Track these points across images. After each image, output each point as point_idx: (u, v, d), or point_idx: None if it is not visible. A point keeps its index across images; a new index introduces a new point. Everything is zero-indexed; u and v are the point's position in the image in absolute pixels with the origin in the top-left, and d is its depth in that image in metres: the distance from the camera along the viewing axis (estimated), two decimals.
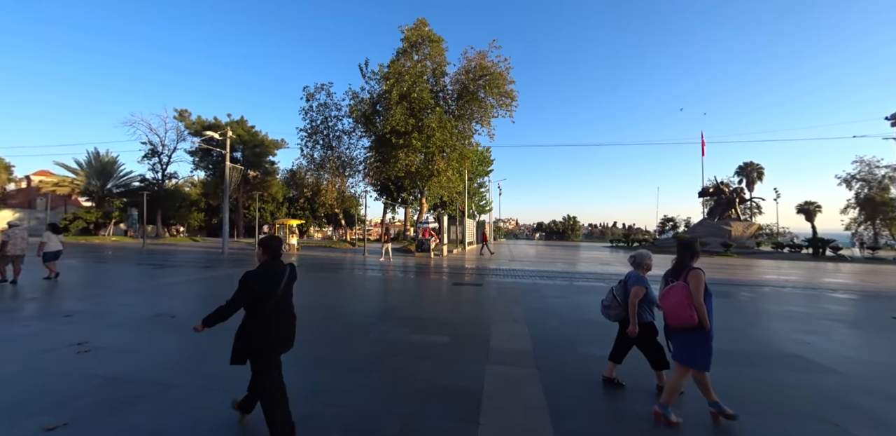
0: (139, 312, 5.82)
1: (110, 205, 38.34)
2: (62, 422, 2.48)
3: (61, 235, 9.24)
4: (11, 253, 8.12)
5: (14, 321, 5.19)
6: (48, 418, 2.56)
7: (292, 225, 20.38)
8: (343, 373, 3.42)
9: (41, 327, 4.89)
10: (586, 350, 4.21)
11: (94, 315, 5.49)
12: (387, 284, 9.22)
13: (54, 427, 2.41)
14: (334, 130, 26.29)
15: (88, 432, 2.39)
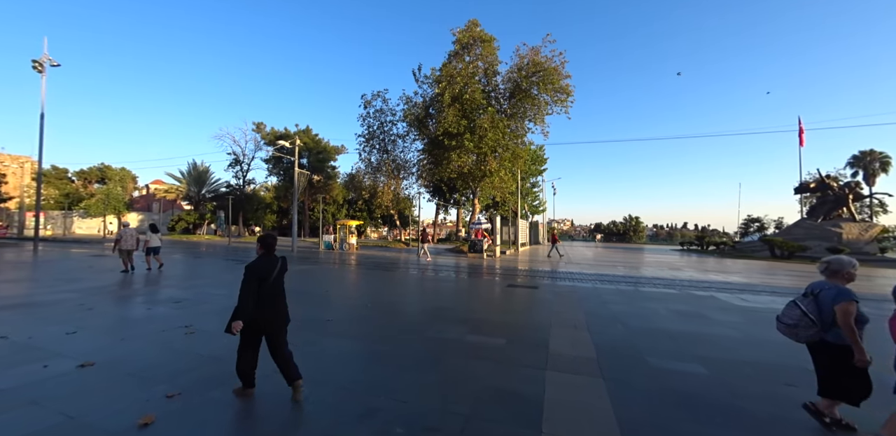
0: (229, 301, 6.63)
1: (204, 208, 44.40)
2: (177, 391, 2.92)
3: (159, 234, 11.02)
4: (124, 248, 9.84)
5: (140, 305, 6.24)
6: (167, 386, 3.04)
7: (351, 226, 21.71)
8: (403, 369, 3.54)
9: (159, 310, 5.81)
10: (659, 363, 3.85)
11: (196, 302, 6.38)
12: (441, 284, 9.37)
13: (173, 395, 2.85)
14: (389, 135, 27.50)
15: (194, 402, 2.78)
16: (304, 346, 4.16)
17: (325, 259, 15.90)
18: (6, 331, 4.51)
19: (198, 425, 2.48)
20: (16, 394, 2.90)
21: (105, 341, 4.20)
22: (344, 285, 8.95)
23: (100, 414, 2.62)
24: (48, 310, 5.66)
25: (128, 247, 9.89)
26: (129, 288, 7.84)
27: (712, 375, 3.58)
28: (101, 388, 3.04)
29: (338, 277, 10.26)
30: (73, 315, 5.34)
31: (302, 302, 6.71)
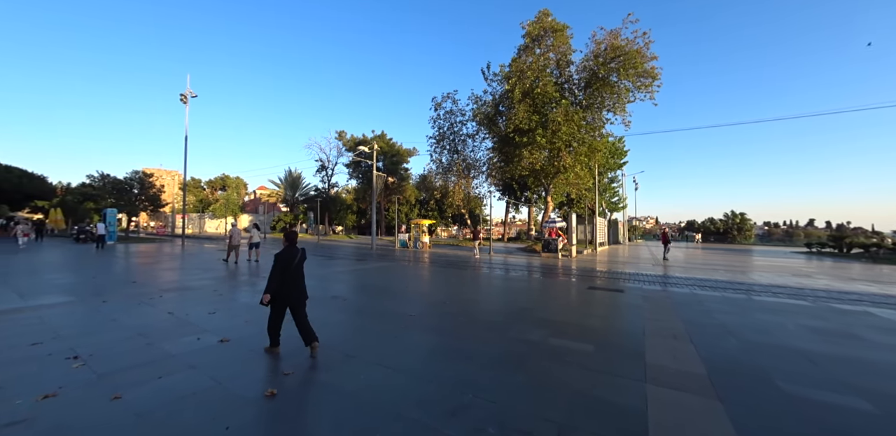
0: (322, 293, 7.42)
1: (297, 209, 50.63)
2: (291, 371, 3.35)
3: (261, 232, 13.30)
4: (233, 243, 12.22)
5: (256, 293, 7.34)
6: (282, 365, 3.51)
7: (424, 225, 22.57)
8: (487, 368, 3.52)
9: None
10: (798, 391, 3.18)
11: None
12: (516, 284, 9.17)
13: (288, 374, 3.28)
14: (459, 135, 27.94)
15: (307, 382, 3.15)
16: (393, 339, 4.43)
17: (400, 257, 16.81)
18: (171, 308, 5.71)
19: (310, 402, 2.81)
20: (181, 359, 3.64)
21: (234, 322, 5.02)
22: (420, 282, 9.34)
23: (237, 382, 3.13)
24: (195, 293, 7.00)
25: (234, 242, 12.23)
26: (246, 278, 9.29)
27: (885, 414, 2.83)
28: (235, 361, 3.65)
29: (414, 274, 10.75)
30: (211, 299, 6.52)
31: (384, 297, 7.20)
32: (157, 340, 4.24)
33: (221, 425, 2.46)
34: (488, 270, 12.15)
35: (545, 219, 23.71)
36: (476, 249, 17.56)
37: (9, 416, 2.55)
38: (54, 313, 5.39)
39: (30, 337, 4.26)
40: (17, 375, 3.23)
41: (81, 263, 12.11)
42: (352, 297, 7.06)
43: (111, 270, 10.55)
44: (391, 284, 8.71)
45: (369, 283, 8.86)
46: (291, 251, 3.81)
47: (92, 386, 3.02)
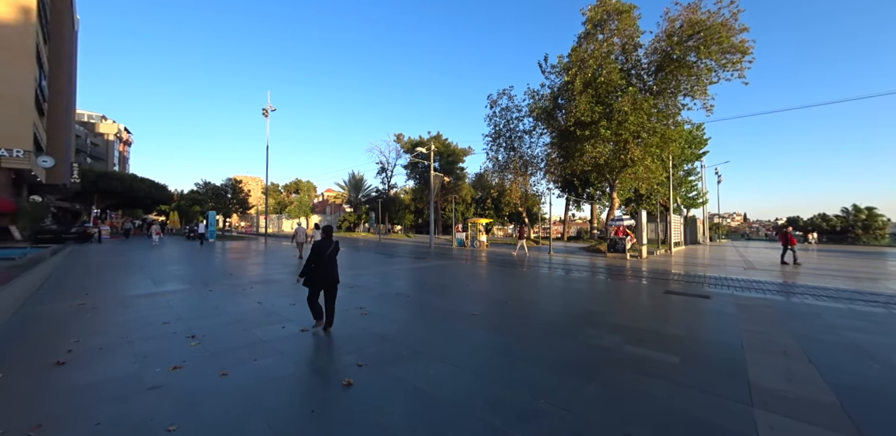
0: (385, 289, 7.77)
1: (360, 210, 53.94)
2: (365, 363, 3.54)
3: (319, 230, 14.73)
4: (298, 241, 13.83)
5: None
6: (355, 357, 3.72)
7: (481, 224, 22.47)
8: (557, 373, 3.35)
9: (341, 293, 7.23)
10: None
11: (364, 289, 7.71)
12: (580, 285, 8.65)
13: (362, 365, 3.48)
14: (516, 132, 27.24)
15: (379, 375, 3.29)
16: (457, 337, 4.45)
17: (458, 255, 16.95)
18: (260, 298, 6.45)
19: (384, 394, 2.93)
20: (271, 345, 4.07)
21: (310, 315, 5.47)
22: (480, 281, 9.29)
23: (317, 370, 3.40)
24: (277, 286, 7.81)
25: (300, 240, 13.82)
26: None
27: None
28: (315, 350, 3.97)
29: (473, 273, 10.75)
30: (290, 291, 7.22)
31: (445, 295, 7.29)
32: (251, 326, 4.80)
33: (307, 408, 2.68)
34: (549, 270, 11.67)
35: (610, 217, 22.04)
36: (522, 248, 17.53)
37: (153, 381, 3.09)
38: (176, 298, 6.42)
39: (161, 317, 5.12)
40: (155, 348, 3.89)
41: (191, 257, 14.31)
42: (414, 294, 7.28)
43: (213, 264, 12.29)
44: (451, 283, 8.80)
45: (430, 280, 9.06)
46: (326, 243, 4.58)
47: (206, 362, 3.51)
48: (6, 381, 3.10)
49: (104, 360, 3.59)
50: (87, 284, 8.03)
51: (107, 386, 3.02)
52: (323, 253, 4.48)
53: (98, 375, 3.25)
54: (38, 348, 3.91)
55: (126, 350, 3.84)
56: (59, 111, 31.02)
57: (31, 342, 4.11)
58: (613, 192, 22.43)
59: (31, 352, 3.80)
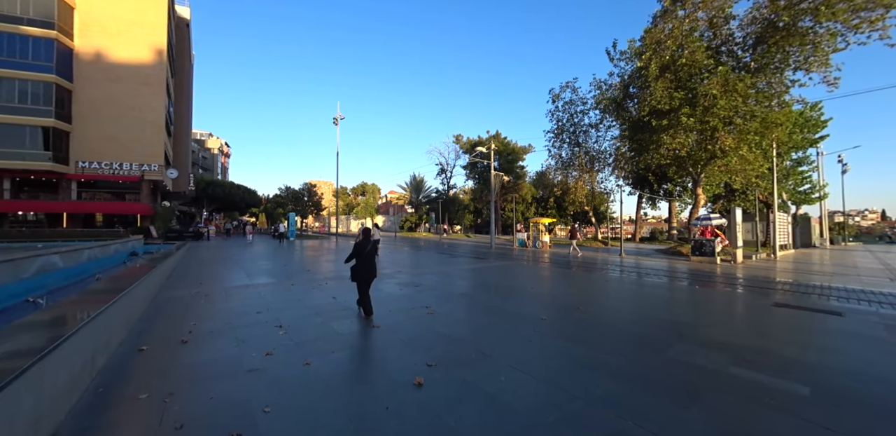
0: (448, 289, 7.81)
1: (420, 211, 55.67)
2: (434, 362, 3.56)
3: (378, 231, 15.48)
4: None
5: (393, 285, 8.25)
6: (424, 356, 3.76)
7: (544, 223, 21.57)
8: (644, 391, 2.98)
9: (406, 291, 7.51)
10: None
11: (428, 288, 7.86)
12: (663, 292, 7.75)
13: (432, 365, 3.50)
14: (580, 126, 25.68)
15: (448, 377, 3.27)
16: (527, 343, 4.25)
17: (520, 256, 16.47)
18: (334, 294, 6.95)
19: (455, 397, 2.89)
20: (346, 338, 4.33)
21: (381, 311, 5.71)
22: (546, 283, 8.87)
23: (390, 366, 3.50)
24: (347, 283, 8.33)
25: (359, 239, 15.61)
26: (383, 271, 10.58)
27: None
28: (386, 346, 4.11)
29: (537, 275, 10.32)
30: None
31: (510, 297, 7.08)
32: (328, 319, 5.17)
33: (382, 404, 2.75)
34: (622, 273, 10.69)
35: (694, 215, 19.51)
36: (574, 249, 17.28)
37: (250, 364, 3.47)
38: (266, 291, 7.23)
39: (255, 307, 5.80)
40: (251, 334, 4.40)
41: (276, 254, 16.10)
42: (478, 295, 7.21)
43: (293, 260, 13.66)
44: (515, 284, 8.55)
45: (493, 281, 8.91)
46: (365, 242, 5.34)
47: (292, 351, 3.85)
48: (149, 353, 3.75)
49: (214, 342, 4.14)
50: (201, 274, 9.49)
51: (217, 365, 3.47)
52: (361, 251, 5.26)
53: (210, 354, 3.76)
54: (169, 328, 4.67)
55: (230, 335, 4.39)
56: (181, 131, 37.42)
57: (165, 323, 4.94)
58: (698, 187, 19.82)
59: (165, 331, 4.56)
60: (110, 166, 26.37)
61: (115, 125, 26.62)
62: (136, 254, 12.96)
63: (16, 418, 1.96)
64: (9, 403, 1.89)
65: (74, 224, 26.48)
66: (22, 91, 24.44)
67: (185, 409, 2.65)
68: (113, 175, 26.50)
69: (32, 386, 2.14)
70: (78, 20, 26.44)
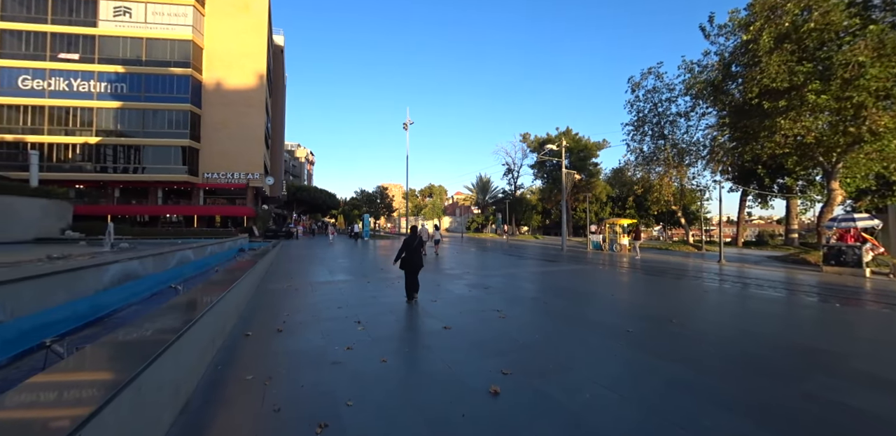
0: (519, 292, 7.50)
1: (487, 211, 55.35)
2: (510, 370, 3.38)
3: (440, 232, 16.41)
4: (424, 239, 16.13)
5: (463, 286, 8.23)
6: (498, 362, 3.59)
7: (623, 225, 19.65)
8: (770, 430, 2.41)
9: (475, 293, 7.41)
10: None
11: (497, 290, 7.66)
12: (783, 308, 6.38)
13: (507, 373, 3.33)
14: (666, 116, 22.78)
15: (525, 387, 3.06)
16: (612, 357, 3.81)
17: (594, 260, 15.23)
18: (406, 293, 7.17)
19: (535, 412, 2.69)
20: (419, 339, 4.39)
21: (451, 312, 5.70)
22: (628, 290, 8.00)
23: (464, 370, 3.42)
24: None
25: (425, 239, 16.66)
26: (451, 272, 10.64)
27: None
28: (458, 349, 4.05)
29: (616, 281, 9.38)
30: (432, 288, 7.78)
31: (588, 304, 6.52)
32: (401, 318, 5.33)
33: (458, 410, 2.68)
34: (722, 283, 9.13)
35: (827, 215, 15.86)
36: (635, 250, 16.76)
37: (334, 357, 3.72)
38: (344, 287, 7.80)
39: (335, 302, 6.27)
40: (333, 328, 4.75)
41: (353, 253, 17.41)
42: (551, 299, 6.79)
43: (368, 259, 14.59)
44: (592, 290, 7.87)
45: (566, 286, 8.33)
46: (413, 238, 6.25)
47: (370, 347, 4.03)
48: (253, 339, 4.28)
49: (303, 333, 4.55)
50: (291, 270, 10.69)
51: (307, 354, 3.79)
52: (409, 245, 6.21)
53: (300, 344, 4.13)
54: (268, 317, 5.29)
55: (316, 327, 4.79)
56: (276, 143, 43.03)
57: (264, 312, 5.62)
58: (832, 181, 16.06)
59: (265, 319, 5.18)
60: (224, 176, 31.52)
61: (228, 141, 31.74)
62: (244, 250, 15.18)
63: (163, 383, 2.35)
64: (159, 370, 2.23)
65: (201, 224, 32.20)
66: (168, 119, 30.63)
67: (280, 393, 2.91)
68: (226, 183, 31.64)
69: (174, 359, 2.52)
70: (205, 58, 32.22)
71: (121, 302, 5.16)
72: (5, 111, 29.69)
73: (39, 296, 4.72)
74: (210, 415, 2.59)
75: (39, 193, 19.31)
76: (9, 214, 17.25)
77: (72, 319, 4.59)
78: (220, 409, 2.68)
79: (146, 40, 30.91)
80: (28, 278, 4.69)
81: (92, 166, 29.86)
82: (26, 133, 29.62)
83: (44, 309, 4.49)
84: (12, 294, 4.26)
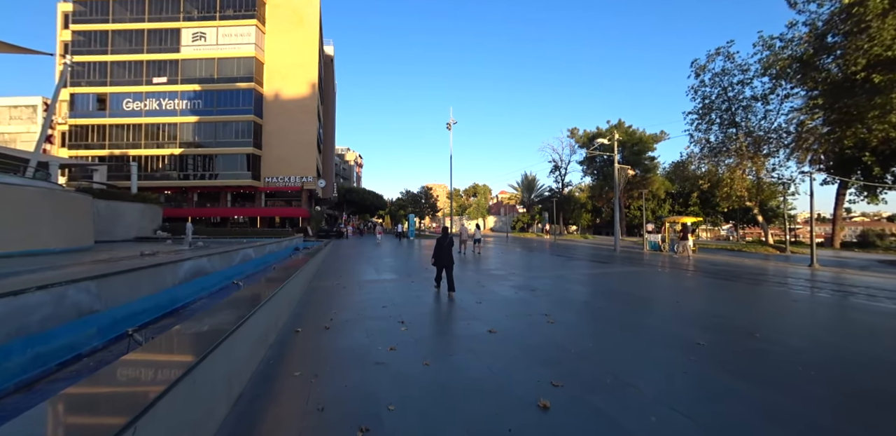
0: (569, 295, 7.03)
1: (533, 210, 53.70)
2: (561, 382, 3.09)
3: (480, 231, 16.85)
4: (463, 238, 16.65)
5: (508, 288, 7.92)
6: (547, 372, 3.31)
7: (686, 223, 17.77)
8: None
9: (522, 295, 7.08)
10: None
11: (545, 293, 7.25)
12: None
13: (558, 385, 3.05)
14: (738, 101, 20.18)
15: (580, 404, 2.76)
16: (681, 374, 3.33)
17: (652, 262, 13.96)
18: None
19: (589, 429, 2.40)
20: (462, 341, 4.24)
21: (496, 315, 5.47)
22: (696, 297, 7.13)
23: (510, 379, 3.20)
24: (462, 283, 8.43)
25: (464, 238, 16.74)
26: (495, 272, 10.35)
27: None
28: (504, 354, 3.83)
29: (681, 285, 8.44)
30: (476, 289, 7.60)
31: (648, 311, 5.91)
32: (444, 319, 5.23)
33: (504, 424, 2.48)
34: (817, 291, 7.77)
35: None
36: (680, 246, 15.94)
37: (377, 357, 3.71)
38: (389, 286, 7.92)
39: (380, 302, 6.35)
40: (378, 327, 4.78)
41: (397, 252, 17.78)
42: (604, 304, 6.26)
43: (412, 258, 14.78)
44: (653, 296, 7.14)
45: (622, 290, 7.67)
46: (444, 238, 6.98)
47: (413, 348, 3.97)
48: (302, 335, 4.44)
49: (350, 331, 4.63)
50: (340, 268, 11.15)
51: (351, 353, 3.83)
52: (441, 244, 6.95)
53: (346, 342, 4.19)
54: (317, 314, 5.50)
55: (361, 326, 4.86)
56: (327, 148, 45.64)
57: (314, 309, 5.86)
58: None
59: (314, 316, 5.38)
60: (282, 180, 34.11)
61: (284, 147, 34.27)
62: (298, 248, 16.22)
63: (216, 377, 2.46)
64: (213, 364, 2.37)
65: (263, 225, 35.17)
66: (235, 129, 33.89)
67: (325, 392, 2.94)
68: (283, 186, 34.21)
69: (228, 353, 2.67)
70: (266, 71, 35.14)
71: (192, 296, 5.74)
72: (115, 130, 34.95)
73: (129, 289, 5.40)
74: (260, 410, 2.67)
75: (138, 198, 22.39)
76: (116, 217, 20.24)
77: (152, 310, 5.17)
78: (270, 404, 2.76)
79: (217, 60, 34.48)
80: (121, 273, 5.37)
81: (176, 174, 34.03)
82: (129, 148, 34.59)
83: (131, 301, 5.13)
84: (108, 287, 4.90)
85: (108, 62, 34.97)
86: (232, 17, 34.56)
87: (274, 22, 35.82)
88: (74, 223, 13.40)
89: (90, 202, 15.36)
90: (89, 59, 35.02)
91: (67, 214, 13.02)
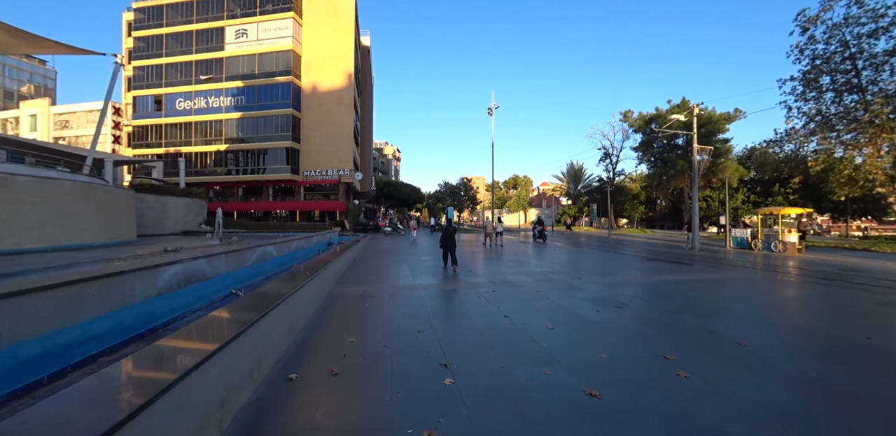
0: (685, 319, 4.87)
1: (579, 202, 49.81)
2: None
3: (503, 224, 16.29)
4: (489, 232, 16.61)
5: (577, 302, 5.92)
6: None
7: (790, 216, 14.26)
8: None
9: (608, 316, 5.03)
10: None
11: (639, 311, 5.17)
12: None
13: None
14: (870, 57, 15.78)
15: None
16: None
17: (753, 264, 11.04)
18: (506, 309, 5.21)
19: None
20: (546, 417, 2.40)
21: (585, 355, 3.57)
22: (879, 330, 4.65)
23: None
24: (523, 293, 6.53)
25: (489, 231, 16.63)
26: (554, 277, 8.28)
27: None
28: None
29: (834, 304, 5.87)
30: (541, 305, 5.69)
31: (834, 354, 3.59)
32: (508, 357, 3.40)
33: None
34: None
35: None
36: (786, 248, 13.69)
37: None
38: (426, 296, 6.22)
39: (415, 323, 4.66)
40: (407, 376, 3.08)
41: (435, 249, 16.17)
42: (749, 336, 4.03)
43: None
44: (816, 323, 4.76)
45: (757, 312, 5.34)
46: (449, 228, 9.25)
47: (466, 428, 2.21)
48: (296, 387, 2.87)
49: (363, 382, 2.99)
50: (372, 267, 9.73)
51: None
52: (446, 232, 9.05)
53: (353, 412, 2.54)
54: (328, 343, 3.95)
55: (382, 371, 3.18)
56: (365, 141, 45.20)
57: (325, 333, 4.33)
58: None
59: (323, 348, 3.83)
60: (319, 173, 33.99)
61: (322, 140, 34.03)
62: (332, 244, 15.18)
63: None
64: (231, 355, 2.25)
65: (303, 219, 35.50)
66: (275, 124, 34.22)
67: None
68: (321, 180, 34.09)
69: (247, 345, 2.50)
70: (303, 64, 35.00)
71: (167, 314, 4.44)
72: (169, 129, 36.93)
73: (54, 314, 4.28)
74: None
75: (184, 193, 22.97)
76: (165, 211, 20.82)
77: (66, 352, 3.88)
78: None
79: (258, 55, 34.89)
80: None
81: (222, 170, 35.22)
82: (180, 145, 36.39)
83: None
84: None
85: (163, 65, 36.86)
86: (271, 11, 34.69)
87: (310, 13, 35.48)
88: (115, 217, 13.33)
89: (132, 196, 15.44)
90: (148, 63, 37.14)
91: (107, 209, 12.93)
